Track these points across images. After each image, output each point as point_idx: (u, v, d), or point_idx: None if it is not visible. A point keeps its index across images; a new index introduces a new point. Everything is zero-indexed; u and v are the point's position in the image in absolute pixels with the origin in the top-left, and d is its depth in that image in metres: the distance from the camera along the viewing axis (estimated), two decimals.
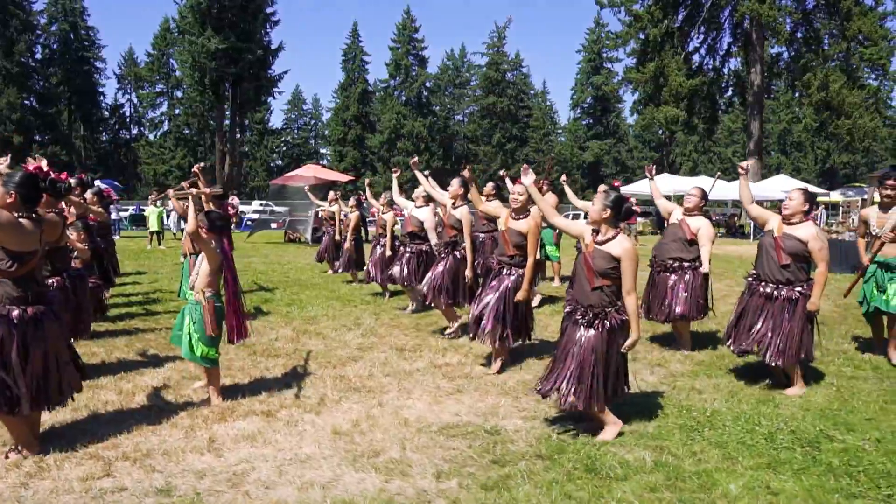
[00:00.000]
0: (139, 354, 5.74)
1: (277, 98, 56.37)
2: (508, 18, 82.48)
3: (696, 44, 31.21)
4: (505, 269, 5.29)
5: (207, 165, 42.09)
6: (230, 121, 42.37)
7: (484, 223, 8.09)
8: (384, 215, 8.75)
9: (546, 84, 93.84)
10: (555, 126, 63.28)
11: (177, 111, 52.45)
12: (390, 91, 55.93)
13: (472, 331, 5.34)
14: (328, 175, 21.77)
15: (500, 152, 54.70)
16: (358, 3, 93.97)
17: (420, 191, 7.14)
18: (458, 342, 6.32)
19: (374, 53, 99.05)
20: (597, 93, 56.47)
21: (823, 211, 29.19)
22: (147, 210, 19.25)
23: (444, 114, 58.18)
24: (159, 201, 17.10)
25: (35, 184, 3.36)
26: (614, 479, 3.38)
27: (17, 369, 3.27)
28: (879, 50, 25.43)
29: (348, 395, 4.67)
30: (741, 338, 4.96)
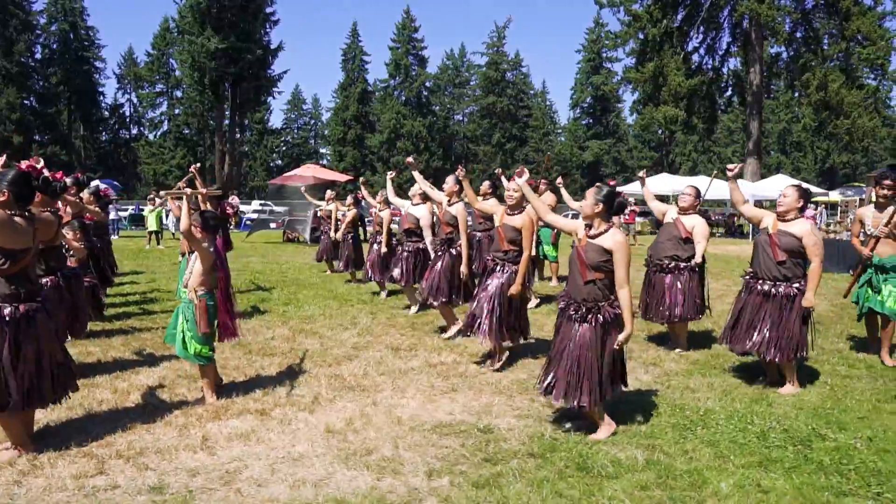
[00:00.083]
0: (135, 353, 5.76)
1: (277, 98, 56.49)
2: (508, 18, 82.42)
3: (696, 43, 31.21)
4: (499, 266, 5.31)
5: (207, 166, 42.17)
6: (230, 121, 42.36)
7: (480, 222, 8.11)
8: (381, 213, 8.78)
9: (546, 84, 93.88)
10: (554, 126, 63.30)
11: (176, 111, 52.45)
12: (390, 91, 55.95)
13: (466, 327, 5.36)
14: (327, 175, 21.79)
15: (500, 152, 54.70)
16: (357, 3, 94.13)
17: (416, 189, 7.16)
18: (454, 341, 6.33)
19: (374, 53, 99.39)
20: (596, 92, 56.48)
21: (824, 211, 29.19)
22: (146, 210, 19.26)
23: (444, 114, 58.19)
24: (157, 201, 17.13)
25: (28, 182, 3.37)
26: (605, 478, 3.40)
27: (8, 366, 3.28)
28: (877, 49, 25.40)
29: (342, 394, 4.69)
30: (740, 338, 4.96)
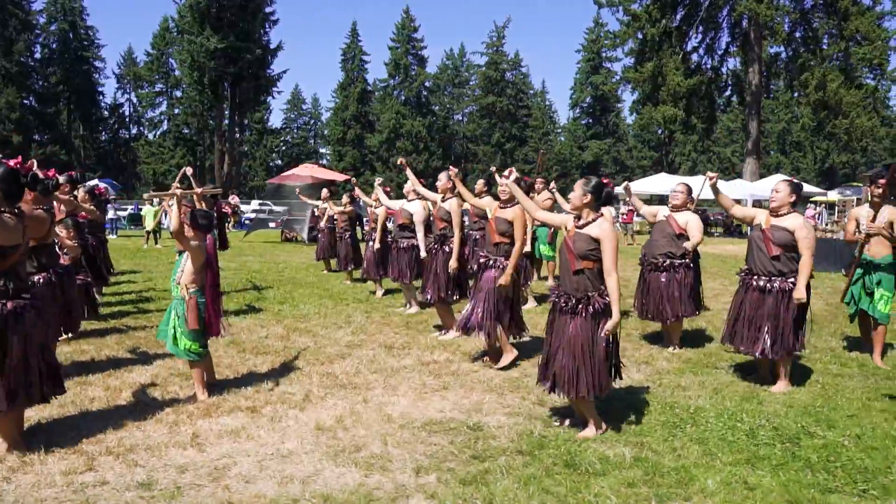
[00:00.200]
0: (129, 352, 5.77)
1: (277, 98, 56.26)
2: (508, 18, 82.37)
3: (695, 43, 31.22)
4: (492, 262, 5.35)
5: (207, 165, 42.16)
6: (229, 120, 42.37)
7: (476, 220, 8.12)
8: (376, 210, 8.81)
9: (545, 84, 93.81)
10: (554, 126, 63.26)
11: (176, 111, 52.43)
12: (389, 91, 55.94)
13: (461, 325, 5.39)
14: (325, 174, 21.79)
15: (500, 152, 54.69)
16: (357, 3, 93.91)
17: (409, 186, 7.21)
18: (448, 339, 6.34)
19: (374, 53, 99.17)
20: (596, 92, 56.45)
21: (824, 211, 29.18)
22: (144, 209, 19.29)
23: (444, 113, 58.18)
24: (156, 200, 17.13)
25: (16, 179, 3.38)
26: (593, 475, 3.41)
27: None
28: (874, 49, 25.39)
29: (334, 392, 4.70)
30: (745, 339, 4.95)
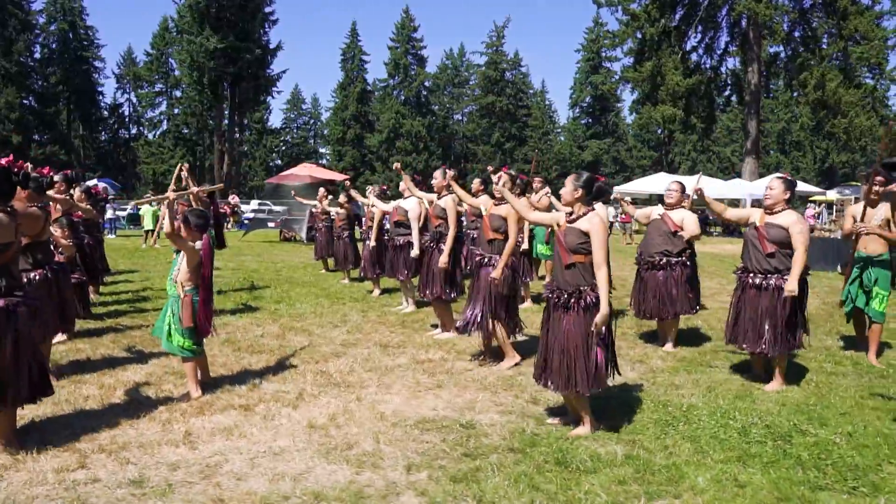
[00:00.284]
0: (124, 350, 5.78)
1: (276, 97, 56.15)
2: (507, 18, 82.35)
3: (694, 43, 31.22)
4: (486, 260, 5.37)
5: (206, 165, 42.14)
6: (229, 120, 42.39)
7: (472, 219, 8.13)
8: (372, 209, 8.83)
9: (545, 83, 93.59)
10: (554, 125, 63.24)
11: (176, 111, 52.44)
12: (389, 90, 55.92)
13: (461, 327, 5.43)
14: (323, 174, 21.81)
15: (499, 151, 54.68)
16: (357, 3, 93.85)
17: (407, 181, 7.25)
18: (442, 338, 6.35)
19: (373, 53, 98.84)
20: (596, 92, 56.42)
21: (824, 210, 29.15)
22: (142, 209, 19.31)
23: (443, 113, 58.16)
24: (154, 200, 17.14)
25: (7, 177, 3.39)
26: (584, 472, 3.41)
27: None
28: (871, 48, 25.38)
29: (327, 390, 4.71)
30: (748, 337, 4.94)
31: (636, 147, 59.87)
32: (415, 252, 7.01)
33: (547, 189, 7.78)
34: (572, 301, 3.82)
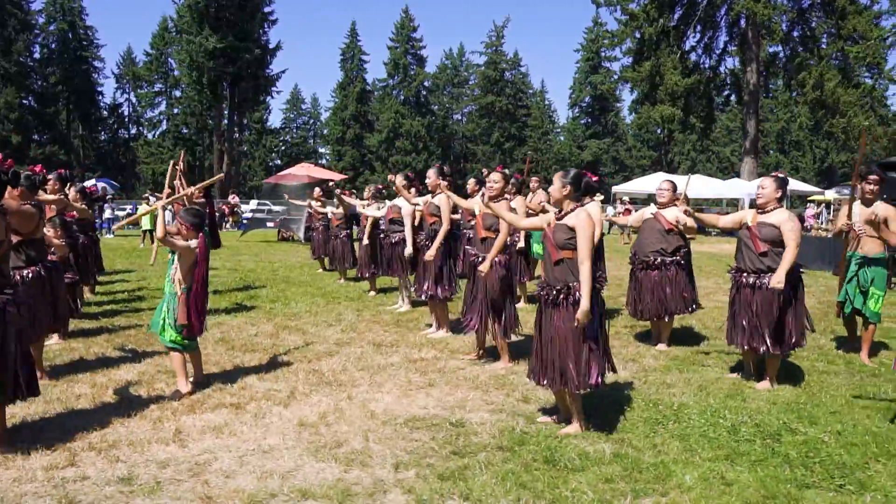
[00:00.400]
0: (118, 350, 5.79)
1: (276, 97, 56.08)
2: (507, 18, 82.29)
3: (693, 42, 31.21)
4: (481, 259, 5.38)
5: (206, 165, 42.11)
6: (228, 120, 42.41)
7: (469, 219, 8.14)
8: (368, 209, 8.84)
9: (544, 83, 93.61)
10: (553, 125, 63.24)
11: (175, 110, 52.45)
12: (389, 90, 55.92)
13: (466, 324, 5.51)
14: (322, 174, 21.81)
15: (499, 151, 54.69)
16: (356, 3, 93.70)
17: (400, 181, 7.25)
18: (436, 336, 6.36)
19: (373, 53, 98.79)
20: (595, 92, 56.40)
21: (825, 210, 29.12)
22: (140, 209, 19.31)
23: (443, 113, 58.14)
24: (152, 199, 17.17)
25: None
26: (571, 471, 3.42)
27: None
28: (867, 48, 25.36)
29: (319, 389, 4.72)
30: (741, 336, 4.96)
31: (636, 147, 59.85)
32: (408, 251, 7.02)
33: (544, 197, 7.79)
34: (561, 297, 3.83)
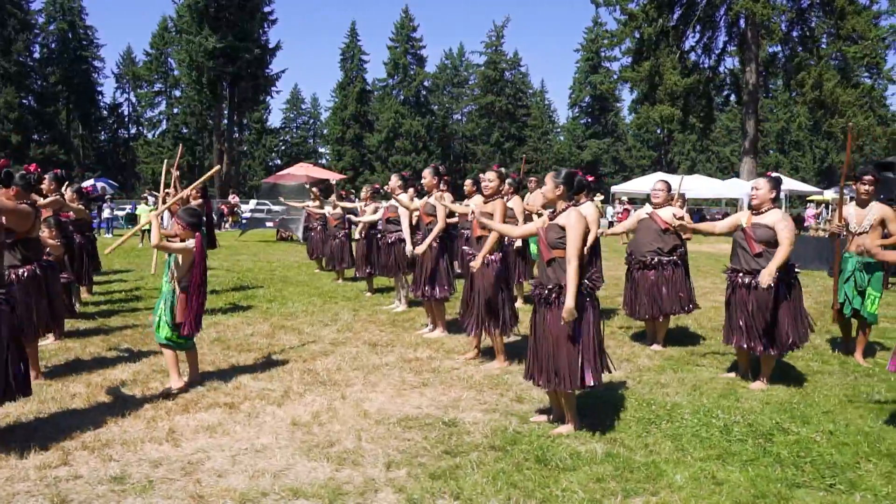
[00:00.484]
0: (113, 349, 5.81)
1: (276, 97, 56.20)
2: (507, 18, 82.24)
3: (692, 42, 31.14)
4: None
5: (206, 165, 42.09)
6: (228, 120, 42.36)
7: (467, 219, 8.16)
8: (366, 208, 8.86)
9: (544, 83, 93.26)
10: (553, 125, 63.23)
11: (175, 110, 52.47)
12: (388, 90, 55.93)
13: (463, 324, 5.54)
14: (320, 174, 21.82)
15: (499, 151, 54.71)
16: (356, 3, 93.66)
17: (394, 181, 7.26)
18: (431, 336, 6.37)
19: (373, 53, 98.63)
20: (595, 92, 56.39)
21: (825, 210, 29.08)
22: (139, 209, 19.33)
23: (443, 113, 58.14)
24: (151, 199, 17.19)
25: None
26: (563, 470, 3.43)
27: None
28: (863, 48, 25.33)
29: (313, 388, 4.73)
30: (738, 336, 4.96)
31: (636, 147, 59.85)
32: (408, 249, 6.96)
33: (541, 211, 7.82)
34: (553, 297, 3.84)
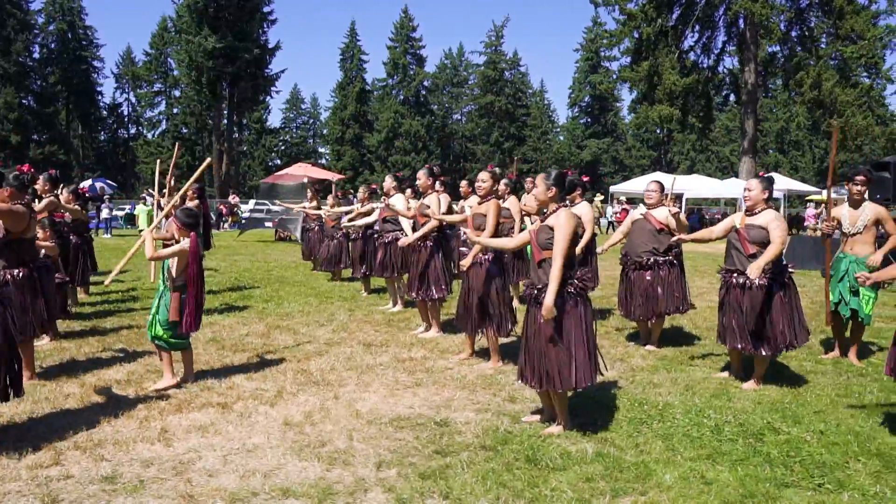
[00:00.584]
0: (108, 349, 5.82)
1: (275, 97, 56.27)
2: (506, 17, 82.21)
3: (691, 42, 31.13)
4: (474, 259, 5.41)
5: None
6: (228, 120, 42.40)
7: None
8: (363, 209, 8.86)
9: (544, 83, 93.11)
10: (553, 125, 63.23)
11: (175, 110, 52.49)
12: (388, 90, 55.94)
13: (458, 323, 5.57)
14: (319, 174, 21.83)
15: (498, 151, 54.73)
16: (356, 3, 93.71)
17: (389, 182, 7.27)
18: (426, 336, 6.39)
19: (372, 52, 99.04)
20: (594, 91, 56.39)
21: (824, 210, 29.10)
22: (137, 209, 19.34)
23: (442, 113, 58.17)
24: (149, 199, 17.19)
25: None
26: (552, 470, 3.44)
27: None
28: (860, 49, 25.31)
29: (306, 388, 4.74)
30: (732, 336, 4.97)
31: (635, 147, 59.84)
32: (404, 240, 6.79)
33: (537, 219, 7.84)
34: (543, 297, 3.85)
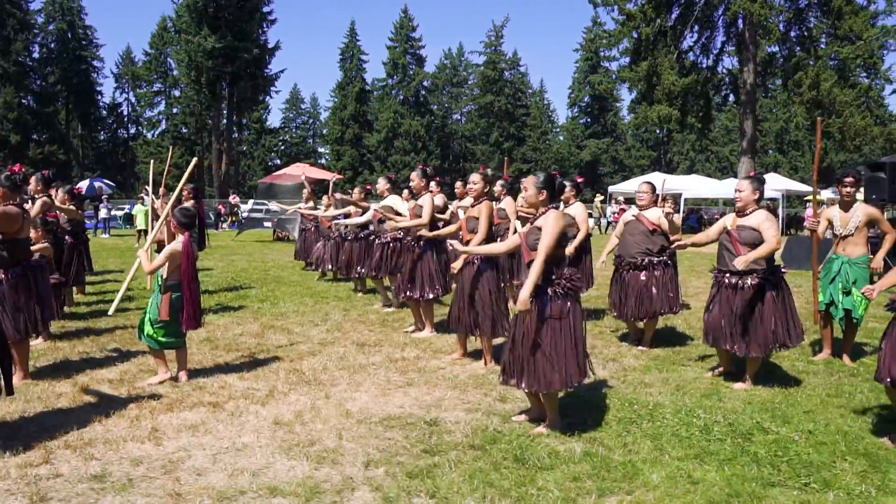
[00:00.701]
0: (102, 349, 5.84)
1: (275, 97, 56.41)
2: (506, 18, 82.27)
3: (690, 43, 31.15)
4: (469, 260, 5.42)
5: (205, 165, 42.14)
6: (227, 120, 42.42)
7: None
8: (352, 217, 8.86)
9: (544, 83, 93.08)
10: (552, 125, 63.26)
11: (174, 110, 52.53)
12: (388, 90, 55.97)
13: (450, 324, 5.57)
14: (318, 174, 21.85)
15: (498, 151, 54.74)
16: (356, 3, 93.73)
17: (383, 184, 7.28)
18: (420, 336, 6.40)
19: (372, 52, 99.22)
20: (594, 92, 56.44)
21: (811, 206, 29.11)
22: (135, 209, 19.37)
23: (442, 113, 58.22)
24: (146, 199, 17.18)
25: None
26: (540, 469, 3.46)
27: None
28: (857, 49, 25.32)
29: (298, 388, 4.76)
30: (722, 337, 4.98)
31: (635, 147, 59.87)
32: (399, 221, 6.72)
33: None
34: (533, 299, 3.86)
